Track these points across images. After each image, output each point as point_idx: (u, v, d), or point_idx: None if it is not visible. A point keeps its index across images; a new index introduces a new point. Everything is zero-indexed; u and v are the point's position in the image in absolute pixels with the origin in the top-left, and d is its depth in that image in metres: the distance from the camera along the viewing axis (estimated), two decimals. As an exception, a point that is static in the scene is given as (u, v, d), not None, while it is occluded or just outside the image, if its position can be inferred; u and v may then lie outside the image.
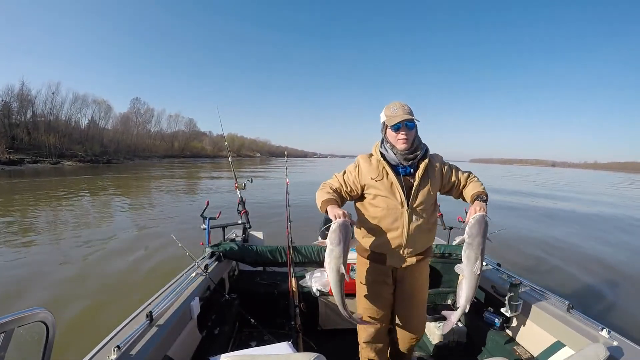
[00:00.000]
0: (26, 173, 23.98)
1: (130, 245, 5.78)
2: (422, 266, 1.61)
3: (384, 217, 1.49)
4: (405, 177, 1.50)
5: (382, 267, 1.58)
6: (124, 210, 9.34)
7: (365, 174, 1.53)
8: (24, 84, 41.96)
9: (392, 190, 1.47)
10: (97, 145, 48.57)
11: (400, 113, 1.44)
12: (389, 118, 1.46)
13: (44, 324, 0.91)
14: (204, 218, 2.61)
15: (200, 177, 23.76)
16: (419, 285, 1.63)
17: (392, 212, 1.48)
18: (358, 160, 1.59)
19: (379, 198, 1.49)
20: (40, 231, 6.74)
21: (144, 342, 1.24)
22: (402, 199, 1.46)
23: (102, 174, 24.51)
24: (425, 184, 1.49)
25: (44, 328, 0.92)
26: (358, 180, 1.54)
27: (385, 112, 1.49)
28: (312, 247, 2.59)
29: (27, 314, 0.87)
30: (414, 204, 1.47)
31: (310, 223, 5.89)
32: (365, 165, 1.54)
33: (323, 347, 1.85)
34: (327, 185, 1.59)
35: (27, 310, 0.87)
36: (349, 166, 1.61)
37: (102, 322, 3.11)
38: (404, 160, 1.48)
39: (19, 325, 0.84)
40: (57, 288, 4.04)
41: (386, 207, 1.48)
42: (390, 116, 1.46)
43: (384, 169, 1.50)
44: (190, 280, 1.82)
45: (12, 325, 0.82)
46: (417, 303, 1.66)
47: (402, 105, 1.47)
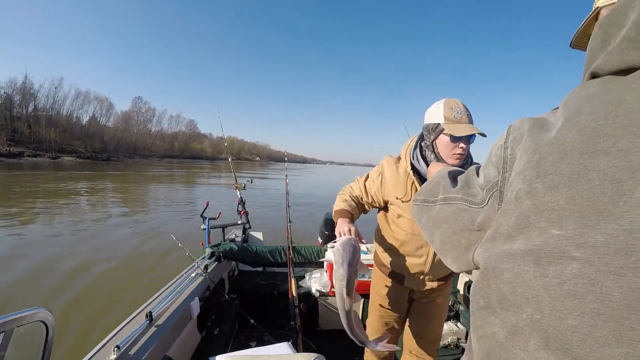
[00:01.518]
0: (25, 166, 23.94)
1: (130, 245, 5.77)
2: (443, 290, 1.43)
3: (407, 242, 1.29)
4: None
5: (399, 286, 1.41)
6: (124, 210, 9.33)
7: (389, 188, 1.27)
8: (27, 77, 42.03)
9: None
10: (98, 142, 48.66)
11: (466, 120, 1.11)
12: (450, 124, 1.11)
13: (43, 324, 0.91)
14: (203, 218, 2.61)
15: (200, 178, 23.78)
16: (437, 304, 1.44)
17: (417, 238, 1.26)
18: (382, 166, 1.32)
19: (403, 219, 1.27)
20: (38, 230, 6.73)
21: (143, 342, 1.24)
22: None
23: (102, 170, 24.51)
24: None
25: (43, 328, 0.91)
26: (380, 193, 1.31)
27: (445, 113, 1.12)
28: (311, 247, 2.59)
29: (26, 313, 0.86)
30: None
31: (311, 223, 5.90)
32: (391, 175, 1.27)
33: (323, 348, 1.85)
34: (348, 190, 1.40)
35: (27, 310, 0.87)
36: (372, 171, 1.37)
37: (101, 322, 3.11)
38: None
39: (18, 325, 0.83)
40: (56, 288, 4.04)
41: (411, 233, 1.26)
42: (454, 122, 1.11)
43: (413, 186, 1.23)
44: (190, 281, 1.82)
45: (11, 325, 0.81)
46: (432, 321, 1.47)
47: (465, 107, 1.14)
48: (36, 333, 0.91)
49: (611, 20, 0.33)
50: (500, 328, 0.31)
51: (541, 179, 0.30)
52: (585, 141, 0.28)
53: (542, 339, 0.27)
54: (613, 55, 0.31)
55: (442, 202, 0.50)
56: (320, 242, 3.09)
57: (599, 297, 0.25)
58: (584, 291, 0.26)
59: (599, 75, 0.33)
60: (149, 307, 1.43)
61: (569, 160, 0.28)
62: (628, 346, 0.23)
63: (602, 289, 0.25)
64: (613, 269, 0.25)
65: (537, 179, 0.31)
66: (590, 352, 0.25)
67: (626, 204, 0.25)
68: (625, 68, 0.31)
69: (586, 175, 0.27)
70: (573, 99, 0.33)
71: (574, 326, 0.26)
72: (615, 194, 0.25)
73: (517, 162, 0.35)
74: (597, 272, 0.25)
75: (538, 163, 0.31)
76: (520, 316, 0.29)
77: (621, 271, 0.24)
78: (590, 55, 0.35)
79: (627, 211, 0.25)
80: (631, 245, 0.24)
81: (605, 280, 0.25)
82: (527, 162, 0.32)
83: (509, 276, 0.31)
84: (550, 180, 0.29)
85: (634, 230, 0.24)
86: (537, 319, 0.28)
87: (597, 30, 0.34)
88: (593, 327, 0.25)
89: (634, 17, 0.30)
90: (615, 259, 0.25)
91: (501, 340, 0.31)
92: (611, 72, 0.32)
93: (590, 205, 0.26)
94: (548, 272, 0.28)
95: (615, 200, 0.25)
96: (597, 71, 0.33)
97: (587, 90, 0.32)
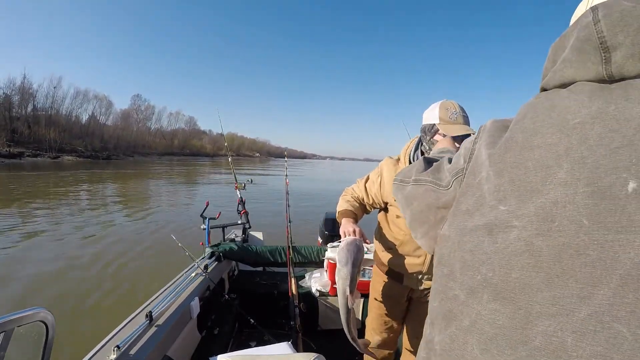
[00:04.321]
0: (26, 166, 23.93)
1: (130, 245, 5.76)
2: None
3: (405, 242, 1.32)
4: None
5: (398, 285, 1.43)
6: (124, 210, 9.32)
7: (388, 191, 1.30)
8: (25, 77, 42.00)
9: None
10: (97, 141, 48.66)
11: (461, 121, 1.16)
12: (445, 124, 1.17)
13: (43, 324, 0.91)
14: (203, 218, 2.61)
15: (200, 176, 23.77)
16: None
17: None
18: (382, 167, 1.35)
19: (402, 220, 1.29)
20: (38, 229, 6.73)
21: (143, 342, 1.24)
22: None
23: (102, 169, 24.50)
24: None
25: (43, 328, 0.91)
26: (380, 194, 1.34)
27: (440, 114, 1.18)
28: (311, 247, 2.59)
29: (26, 313, 0.86)
30: None
31: (311, 223, 5.90)
32: (389, 178, 1.29)
33: (323, 347, 1.85)
34: (350, 192, 1.43)
35: (27, 310, 0.87)
36: (372, 173, 1.40)
37: (101, 322, 3.11)
38: None
39: (18, 325, 0.83)
40: (56, 288, 4.04)
41: (409, 233, 1.32)
42: (448, 123, 1.17)
43: None
44: (190, 281, 1.82)
45: (11, 325, 0.81)
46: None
47: (462, 109, 1.20)
48: (36, 333, 0.91)
49: (558, 44, 0.40)
50: (460, 290, 0.39)
51: (492, 167, 0.39)
52: (526, 138, 0.36)
53: (493, 293, 0.35)
54: (556, 73, 0.39)
55: (413, 183, 0.58)
56: (320, 242, 3.09)
57: (533, 254, 0.32)
58: (522, 250, 0.33)
59: (547, 89, 0.41)
60: (149, 307, 1.43)
61: (512, 153, 0.37)
62: (555, 289, 0.31)
63: (534, 248, 0.32)
64: (541, 232, 0.32)
65: (490, 167, 0.39)
66: (528, 297, 0.32)
67: (551, 183, 0.33)
68: (563, 83, 0.38)
69: (524, 164, 0.35)
70: (524, 106, 0.41)
71: (516, 278, 0.33)
72: (544, 176, 0.33)
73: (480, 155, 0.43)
74: (530, 235, 0.33)
75: (491, 155, 0.40)
76: (476, 278, 0.37)
77: (548, 233, 0.32)
78: (544, 73, 0.42)
79: (552, 189, 0.32)
80: (554, 214, 0.32)
81: (537, 241, 0.32)
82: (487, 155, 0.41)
83: (470, 246, 0.39)
84: (498, 168, 0.38)
85: (557, 202, 0.32)
86: (489, 276, 0.35)
87: (549, 51, 0.42)
88: (529, 278, 0.32)
89: (571, 41, 0.37)
90: (543, 225, 0.32)
91: (462, 299, 0.38)
92: (555, 86, 0.39)
93: (525, 185, 0.34)
94: (498, 239, 0.35)
95: (544, 180, 0.33)
96: (545, 86, 0.41)
97: (535, 100, 0.40)
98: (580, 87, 0.36)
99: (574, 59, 0.36)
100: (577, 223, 0.30)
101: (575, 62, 0.36)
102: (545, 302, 0.31)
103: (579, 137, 0.32)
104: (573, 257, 0.30)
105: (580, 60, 0.35)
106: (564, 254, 0.30)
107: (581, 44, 0.35)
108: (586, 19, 0.35)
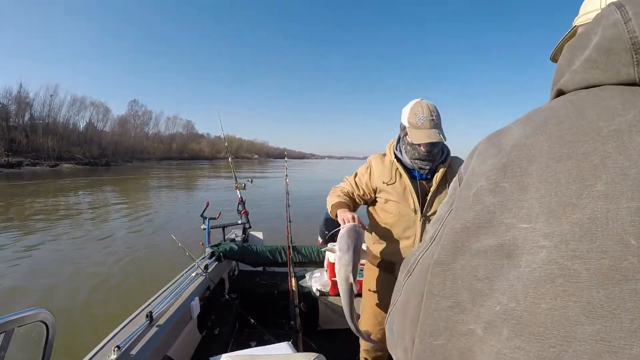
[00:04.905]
0: (25, 176, 23.89)
1: (130, 246, 5.78)
2: None
3: (394, 224, 1.38)
4: (422, 182, 1.37)
5: (390, 277, 1.45)
6: (124, 212, 9.32)
7: (377, 177, 1.41)
8: (22, 86, 41.99)
9: (404, 195, 1.35)
10: (95, 148, 48.63)
11: (427, 126, 1.23)
12: (412, 129, 1.27)
13: (44, 324, 0.91)
14: (203, 218, 2.61)
15: (199, 179, 23.74)
16: None
17: (404, 219, 1.36)
18: (370, 161, 1.48)
19: (390, 203, 1.38)
20: (39, 232, 6.73)
21: (144, 342, 1.24)
22: (415, 205, 1.33)
23: (101, 176, 24.48)
24: (443, 190, 1.34)
25: (44, 328, 0.92)
26: (370, 183, 1.43)
27: (409, 118, 1.28)
28: (312, 247, 2.59)
29: (27, 314, 0.86)
30: (429, 211, 1.34)
31: (311, 223, 5.90)
32: (378, 166, 1.42)
33: (323, 347, 1.84)
34: (338, 189, 1.50)
35: (27, 311, 0.87)
36: (361, 168, 1.50)
37: (102, 322, 3.11)
38: (419, 168, 1.35)
39: (19, 325, 0.83)
40: (56, 288, 4.04)
41: (398, 214, 1.36)
42: (415, 127, 1.26)
43: (397, 172, 1.37)
44: (190, 281, 1.82)
45: (12, 325, 0.82)
46: None
47: (431, 112, 1.25)
48: (37, 333, 0.91)
49: (577, 43, 0.37)
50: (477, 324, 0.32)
51: (509, 179, 0.33)
52: (553, 147, 0.32)
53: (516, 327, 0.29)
54: (577, 74, 0.35)
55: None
56: (320, 242, 3.09)
57: (569, 279, 0.27)
58: (554, 275, 0.28)
59: (565, 92, 0.37)
60: (149, 307, 1.43)
61: (538, 164, 0.32)
62: (599, 323, 0.25)
63: (570, 272, 0.27)
64: (580, 253, 0.27)
65: (504, 179, 0.33)
66: (564, 332, 0.26)
67: (588, 196, 0.28)
68: (586, 85, 0.35)
69: (554, 176, 0.30)
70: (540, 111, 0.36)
71: (547, 309, 0.28)
72: (579, 189, 0.29)
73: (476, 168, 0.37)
74: (564, 257, 0.28)
75: (505, 165, 0.33)
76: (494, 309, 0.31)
77: (587, 255, 0.27)
78: (558, 73, 0.39)
79: (590, 202, 0.28)
80: (594, 232, 0.27)
81: (573, 264, 0.27)
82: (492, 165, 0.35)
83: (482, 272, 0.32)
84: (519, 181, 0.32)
85: (596, 218, 0.27)
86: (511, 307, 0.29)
87: (565, 51, 0.38)
88: (565, 308, 0.27)
89: (596, 40, 0.33)
90: (581, 245, 0.27)
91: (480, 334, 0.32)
92: (575, 89, 0.36)
93: (557, 200, 0.29)
94: (521, 263, 0.30)
95: (579, 194, 0.28)
96: (563, 88, 0.37)
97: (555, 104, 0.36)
98: (609, 91, 0.33)
99: (600, 60, 0.33)
100: (623, 243, 0.26)
101: (602, 64, 0.33)
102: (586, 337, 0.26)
103: (616, 146, 0.29)
104: (621, 283, 0.25)
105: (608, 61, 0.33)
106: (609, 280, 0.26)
107: (609, 44, 0.32)
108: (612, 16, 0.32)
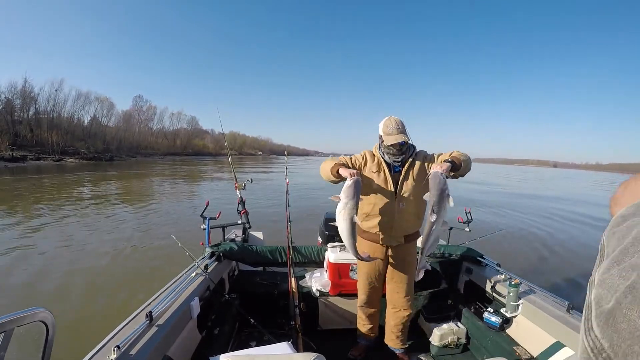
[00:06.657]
0: (29, 170, 24.05)
1: (130, 245, 5.78)
2: (409, 247, 1.99)
3: (377, 202, 1.87)
4: (396, 174, 1.88)
5: (377, 245, 1.94)
6: (124, 210, 9.34)
7: (368, 166, 1.90)
8: (27, 80, 42.15)
9: (385, 183, 1.85)
10: (100, 143, 48.75)
11: (395, 133, 1.76)
12: (385, 135, 1.79)
13: (43, 324, 0.92)
14: (204, 218, 2.62)
15: (202, 176, 23.79)
16: (406, 262, 1.98)
17: (384, 199, 1.85)
18: (365, 153, 1.95)
19: (376, 186, 1.86)
20: (40, 230, 6.77)
21: (143, 342, 1.25)
22: (392, 189, 1.84)
23: (105, 171, 24.60)
24: (408, 177, 1.85)
25: (43, 328, 0.92)
26: (362, 168, 1.89)
27: (383, 129, 1.82)
28: (312, 247, 2.59)
29: (27, 313, 0.87)
30: (401, 193, 1.84)
31: (311, 223, 5.89)
32: (370, 159, 1.91)
33: (323, 347, 1.85)
34: (334, 159, 1.86)
35: (27, 310, 0.88)
36: (356, 154, 1.95)
37: (102, 322, 3.12)
38: (394, 161, 1.86)
39: (18, 325, 0.84)
40: (56, 288, 4.06)
41: (381, 195, 1.86)
42: (387, 134, 1.78)
43: (381, 165, 1.88)
44: (190, 280, 1.83)
45: (12, 325, 0.82)
46: (404, 278, 2.00)
47: (397, 124, 1.78)
48: (36, 333, 0.91)
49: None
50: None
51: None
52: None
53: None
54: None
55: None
56: (320, 241, 3.09)
57: None
58: None
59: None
60: (149, 307, 1.44)
61: None
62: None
63: None
64: None
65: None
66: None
67: None
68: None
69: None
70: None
71: None
72: None
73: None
74: None
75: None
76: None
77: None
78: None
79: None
80: None
81: None
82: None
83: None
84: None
85: None
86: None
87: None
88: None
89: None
90: None
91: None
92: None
93: None
94: None
95: None
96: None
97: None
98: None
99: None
100: None
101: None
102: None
103: None
104: None
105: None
106: None
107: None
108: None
